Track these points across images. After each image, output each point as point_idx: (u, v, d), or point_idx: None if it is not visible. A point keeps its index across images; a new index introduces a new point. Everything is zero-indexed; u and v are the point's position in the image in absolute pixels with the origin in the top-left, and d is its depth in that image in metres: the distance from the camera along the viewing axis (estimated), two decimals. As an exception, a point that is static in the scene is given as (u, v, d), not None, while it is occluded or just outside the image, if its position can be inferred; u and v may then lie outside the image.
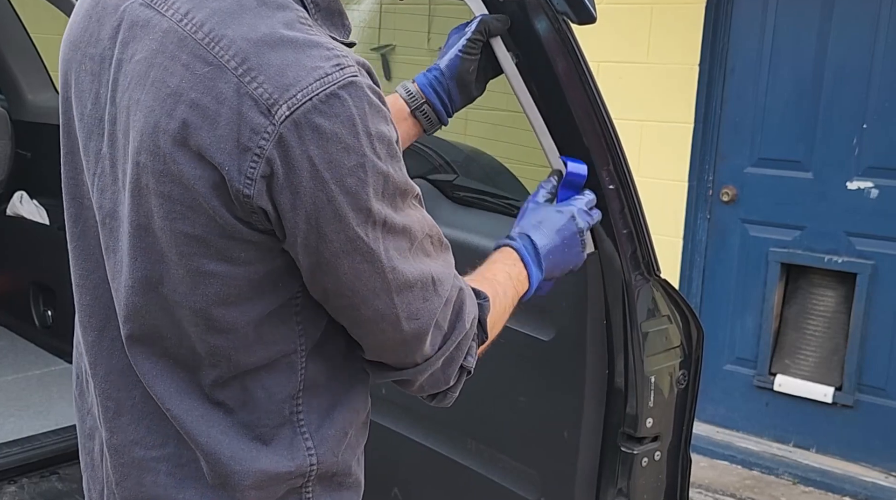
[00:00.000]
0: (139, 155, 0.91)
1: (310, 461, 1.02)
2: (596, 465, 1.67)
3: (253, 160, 0.86)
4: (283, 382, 0.99)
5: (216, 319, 0.95)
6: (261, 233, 0.91)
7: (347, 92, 0.87)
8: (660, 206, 3.93)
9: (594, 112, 1.41)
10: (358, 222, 0.90)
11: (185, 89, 0.88)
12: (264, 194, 0.87)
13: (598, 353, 1.63)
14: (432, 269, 1.00)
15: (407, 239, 0.96)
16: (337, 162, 0.87)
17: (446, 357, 1.05)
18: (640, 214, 1.50)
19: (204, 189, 0.88)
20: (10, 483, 2.34)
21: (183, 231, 0.91)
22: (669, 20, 3.87)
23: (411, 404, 2.04)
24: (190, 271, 0.93)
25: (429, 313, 0.99)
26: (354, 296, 0.94)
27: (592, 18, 1.34)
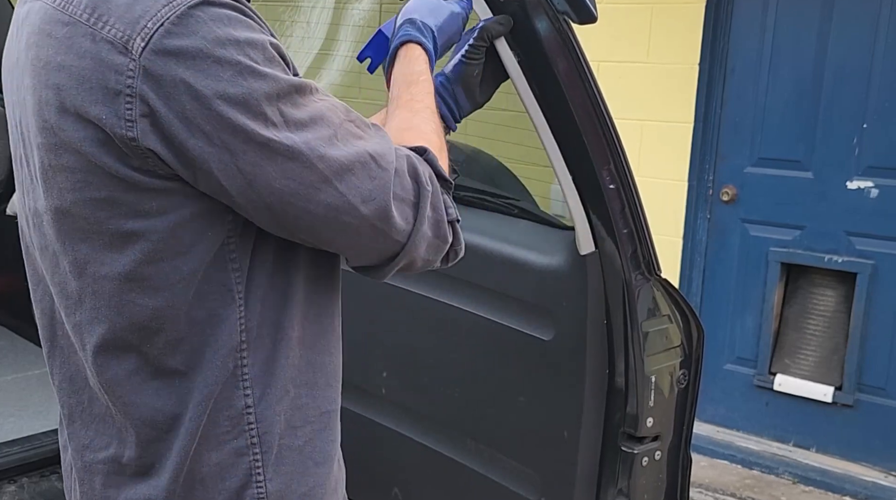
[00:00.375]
0: (37, 138, 0.93)
1: (247, 419, 1.00)
2: (596, 465, 1.67)
3: (127, 102, 0.87)
4: (226, 335, 0.98)
5: (150, 278, 0.94)
6: (164, 180, 0.91)
7: (200, 10, 0.87)
8: (660, 206, 3.93)
9: (595, 112, 1.41)
10: (261, 127, 0.89)
11: (51, 56, 0.90)
12: (150, 134, 0.88)
13: (598, 352, 1.63)
14: (367, 147, 0.98)
15: (325, 127, 0.95)
16: (213, 76, 0.87)
17: (430, 222, 1.03)
18: (641, 214, 1.50)
19: (93, 148, 0.89)
20: (10, 483, 2.34)
21: (91, 198, 0.92)
22: (669, 20, 3.87)
23: (411, 404, 2.04)
24: (112, 236, 0.93)
25: (381, 189, 0.97)
26: (297, 199, 0.93)
27: (593, 18, 1.34)
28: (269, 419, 1.01)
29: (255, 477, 1.01)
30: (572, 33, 1.37)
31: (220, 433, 0.99)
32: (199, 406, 0.98)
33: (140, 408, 0.99)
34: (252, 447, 1.01)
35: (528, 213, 1.87)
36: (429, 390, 1.97)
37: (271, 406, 1.01)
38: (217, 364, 0.98)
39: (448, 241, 1.08)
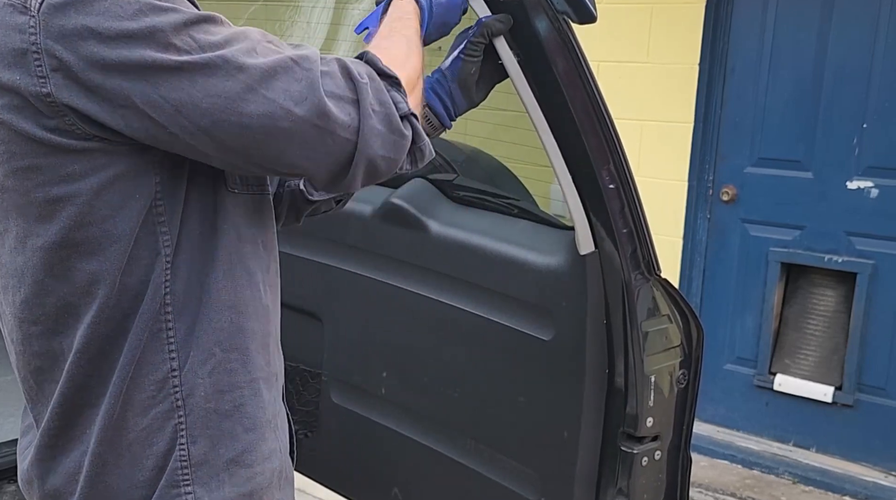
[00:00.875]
0: None
1: (172, 382, 1.01)
2: (596, 464, 1.67)
3: (35, 59, 0.88)
4: (151, 299, 0.99)
5: (82, 242, 0.96)
6: (83, 139, 0.92)
7: None
8: (660, 205, 3.93)
9: (594, 111, 1.41)
10: (175, 54, 0.90)
11: None
12: (65, 88, 0.89)
13: (598, 352, 1.63)
14: (286, 53, 0.99)
15: (242, 42, 0.96)
16: (113, 17, 0.88)
17: (378, 117, 1.02)
18: (641, 214, 1.50)
19: (10, 115, 0.91)
20: (10, 483, 2.34)
21: (16, 168, 0.94)
22: (669, 20, 3.87)
23: (411, 403, 2.04)
24: (40, 204, 0.95)
25: (310, 87, 0.97)
26: (228, 114, 0.93)
27: (593, 18, 1.34)
28: (193, 383, 1.02)
29: (178, 440, 1.02)
30: (572, 33, 1.37)
31: (144, 397, 1.00)
32: (123, 370, 0.99)
33: (75, 376, 1.00)
34: (177, 409, 1.01)
35: (527, 213, 1.87)
36: (428, 390, 1.97)
37: (195, 370, 1.02)
38: (140, 328, 0.99)
39: (405, 135, 1.06)
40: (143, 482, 1.02)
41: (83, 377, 1.00)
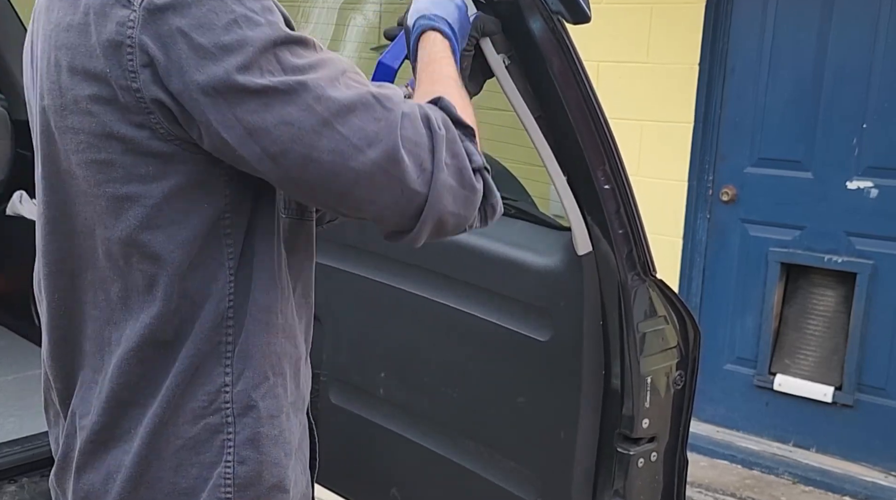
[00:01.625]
0: (43, 100, 0.97)
1: (224, 397, 1.00)
2: (592, 465, 1.67)
3: (128, 53, 0.89)
4: (214, 309, 0.98)
5: (145, 244, 0.95)
6: (163, 141, 0.92)
7: None
8: (660, 206, 3.92)
9: (589, 112, 1.41)
10: (259, 75, 0.88)
11: (60, 18, 0.94)
12: (152, 85, 0.89)
13: (594, 353, 1.63)
14: (371, 90, 0.95)
15: (326, 70, 0.93)
16: (208, 24, 0.87)
17: (451, 170, 0.98)
18: (636, 215, 1.50)
19: (97, 106, 0.91)
20: (10, 483, 2.34)
21: (92, 159, 0.94)
22: (669, 20, 3.87)
23: (409, 404, 2.04)
24: (108, 199, 0.95)
25: (387, 130, 0.93)
26: (298, 145, 0.90)
27: (587, 18, 1.34)
28: (245, 402, 1.01)
29: (225, 457, 1.01)
30: (566, 33, 1.37)
31: (196, 406, 1.00)
32: (178, 376, 0.99)
33: (125, 373, 1.00)
34: (226, 425, 1.00)
35: (525, 213, 1.87)
36: (427, 390, 1.97)
37: (248, 390, 1.01)
38: (202, 337, 0.98)
39: (477, 191, 1.02)
40: (185, 490, 1.00)
41: (135, 376, 1.00)
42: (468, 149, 1.02)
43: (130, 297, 0.99)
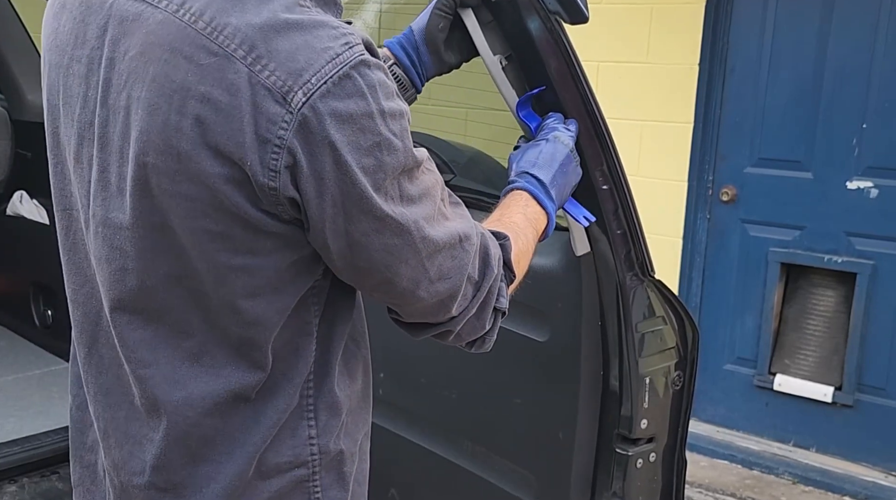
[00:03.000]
0: (145, 156, 0.88)
1: (311, 449, 1.01)
2: (591, 466, 1.67)
3: (274, 152, 0.85)
4: (299, 367, 0.99)
5: (244, 311, 0.94)
6: (285, 224, 0.90)
7: (358, 71, 0.86)
8: (660, 206, 3.92)
9: (587, 112, 1.40)
10: (383, 201, 0.90)
11: (192, 83, 0.85)
12: (289, 185, 0.86)
13: (593, 354, 1.62)
14: (457, 228, 1.00)
15: (429, 205, 0.96)
16: (355, 144, 0.86)
17: (480, 303, 1.06)
18: (634, 215, 1.49)
19: (225, 186, 0.87)
20: (10, 483, 2.34)
21: (205, 228, 0.89)
22: (669, 20, 3.87)
23: (408, 405, 2.04)
24: (215, 266, 0.92)
25: (459, 270, 1.00)
26: (388, 271, 0.95)
27: (584, 18, 1.34)
28: (330, 450, 1.03)
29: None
30: (564, 33, 1.37)
31: (282, 461, 1.00)
32: (264, 433, 0.98)
33: (200, 429, 0.98)
34: (313, 476, 1.02)
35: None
36: (425, 391, 1.97)
37: (331, 438, 1.03)
38: (289, 393, 0.99)
39: (486, 328, 1.10)
40: None
41: (210, 432, 0.98)
42: (501, 290, 1.09)
43: (209, 354, 0.96)
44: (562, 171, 1.32)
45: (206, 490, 0.99)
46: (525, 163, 1.31)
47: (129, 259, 0.95)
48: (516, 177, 1.30)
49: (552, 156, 1.32)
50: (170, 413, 0.98)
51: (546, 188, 1.28)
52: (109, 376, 1.04)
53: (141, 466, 1.01)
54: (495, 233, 1.11)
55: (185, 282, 0.94)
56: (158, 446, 0.99)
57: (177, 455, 0.99)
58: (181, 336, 0.96)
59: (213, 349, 0.96)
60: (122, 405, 1.02)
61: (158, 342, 0.97)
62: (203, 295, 0.94)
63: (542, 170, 1.30)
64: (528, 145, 1.35)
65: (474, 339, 1.11)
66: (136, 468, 1.01)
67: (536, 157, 1.31)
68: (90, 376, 1.06)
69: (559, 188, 1.31)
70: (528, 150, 1.33)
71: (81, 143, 0.98)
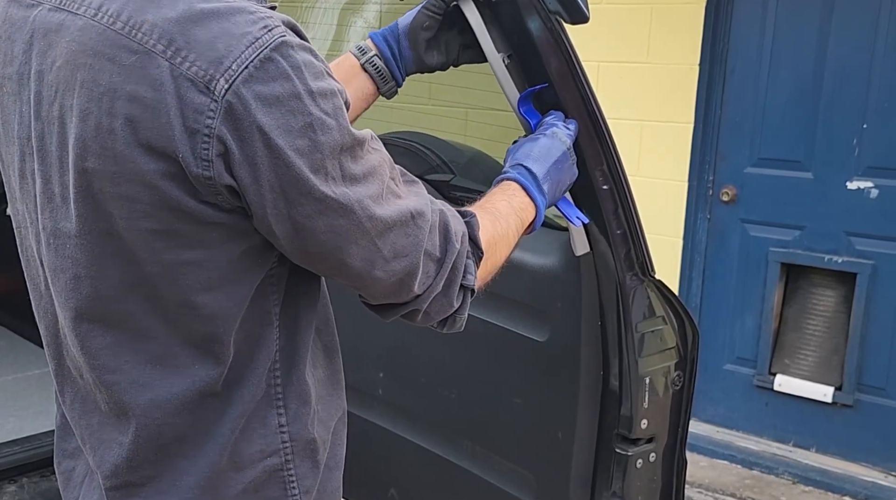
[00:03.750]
0: (84, 162, 0.89)
1: (281, 437, 1.01)
2: (591, 466, 1.67)
3: (204, 142, 0.85)
4: (261, 358, 0.99)
5: (201, 306, 0.93)
6: (228, 213, 0.90)
7: (280, 53, 0.86)
8: (660, 206, 3.92)
9: (587, 112, 1.40)
10: (321, 182, 0.89)
11: (118, 84, 0.86)
12: (224, 173, 0.87)
13: (592, 354, 1.63)
14: (408, 205, 0.99)
15: (376, 183, 0.96)
16: (285, 126, 0.86)
17: (445, 280, 1.05)
18: (634, 215, 1.49)
19: (162, 182, 0.87)
20: (10, 483, 2.35)
21: (150, 228, 0.90)
22: (669, 20, 3.87)
23: (407, 405, 2.04)
24: (166, 265, 0.91)
25: (415, 246, 1.00)
26: (339, 252, 0.94)
27: (585, 18, 1.34)
28: (302, 437, 1.03)
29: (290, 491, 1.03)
30: (564, 33, 1.37)
31: (254, 451, 1.00)
32: (232, 423, 0.98)
33: (170, 427, 0.98)
34: (286, 464, 1.02)
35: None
36: (425, 391, 1.97)
37: (303, 425, 1.03)
38: (254, 384, 0.99)
39: (454, 306, 1.09)
40: None
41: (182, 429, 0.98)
42: (468, 266, 1.08)
43: (171, 355, 0.96)
44: (556, 167, 1.32)
45: (180, 483, 0.99)
46: (520, 155, 1.31)
47: (80, 267, 0.95)
48: (509, 168, 1.29)
49: (548, 150, 1.31)
50: (138, 416, 0.98)
51: (537, 181, 1.28)
52: (79, 385, 1.05)
53: (112, 469, 1.02)
54: (461, 212, 1.10)
55: (139, 287, 0.94)
56: (129, 448, 1.00)
57: (149, 454, 1.00)
58: (142, 340, 0.96)
59: (175, 350, 0.96)
60: (94, 412, 1.03)
61: (120, 348, 0.97)
62: (159, 298, 0.94)
63: (536, 163, 1.29)
64: (525, 139, 1.35)
65: (444, 318, 1.10)
66: (108, 471, 1.02)
67: (531, 150, 1.31)
68: (65, 387, 1.07)
69: (552, 183, 1.31)
70: (525, 143, 1.33)
71: (23, 159, 0.99)
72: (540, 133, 1.35)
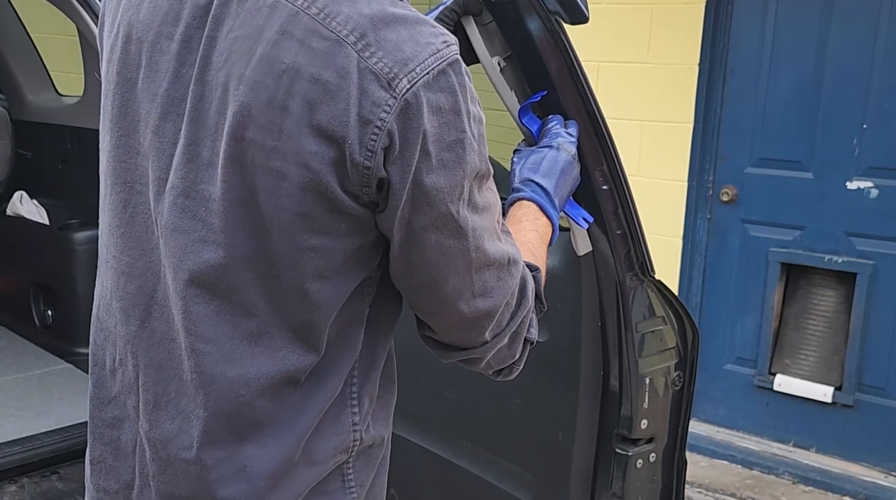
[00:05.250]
0: (244, 130, 0.91)
1: (353, 436, 1.03)
2: (591, 467, 1.67)
3: (374, 133, 0.88)
4: (347, 355, 1.01)
5: (311, 294, 0.95)
6: (363, 206, 0.93)
7: (453, 69, 0.91)
8: (660, 206, 3.93)
9: (587, 112, 1.41)
10: (450, 198, 0.92)
11: (303, 65, 0.89)
12: (382, 166, 0.90)
13: (592, 354, 1.63)
14: (508, 250, 1.02)
15: (490, 218, 0.99)
16: (441, 136, 0.90)
17: (513, 333, 1.07)
18: (634, 215, 1.49)
19: (321, 165, 0.90)
20: (10, 483, 2.34)
21: (289, 208, 0.92)
22: (669, 20, 3.87)
23: (407, 405, 2.04)
24: (292, 246, 0.94)
25: (502, 292, 1.02)
26: (436, 272, 0.97)
27: (585, 18, 1.34)
28: (370, 436, 1.06)
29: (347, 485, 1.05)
30: (564, 33, 1.37)
31: (328, 448, 1.01)
32: (310, 419, 1.00)
33: (252, 410, 0.98)
34: (348, 460, 1.04)
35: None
36: (424, 391, 1.97)
37: (370, 423, 1.05)
38: (336, 381, 1.00)
39: (515, 357, 1.11)
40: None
41: (262, 414, 0.99)
42: (532, 321, 1.11)
43: (268, 335, 0.97)
44: (564, 178, 1.34)
45: (250, 471, 0.99)
46: (529, 170, 1.33)
47: (211, 231, 0.96)
48: (522, 185, 1.31)
49: (556, 163, 1.34)
50: (223, 391, 0.99)
51: (551, 197, 1.31)
52: (161, 351, 1.04)
53: (189, 440, 1.02)
54: (529, 264, 1.13)
55: (259, 262, 0.95)
56: (206, 422, 1.00)
57: (224, 433, 1.00)
58: (244, 315, 0.97)
59: (272, 331, 0.97)
60: (174, 380, 1.03)
61: (221, 319, 0.98)
62: (273, 277, 0.95)
63: (547, 178, 1.32)
64: (531, 151, 1.37)
65: (502, 367, 1.13)
66: (185, 442, 1.02)
67: (540, 164, 1.33)
68: (140, 350, 1.06)
69: (561, 196, 1.34)
70: (532, 155, 1.35)
71: (165, 117, 0.99)
72: (546, 145, 1.37)
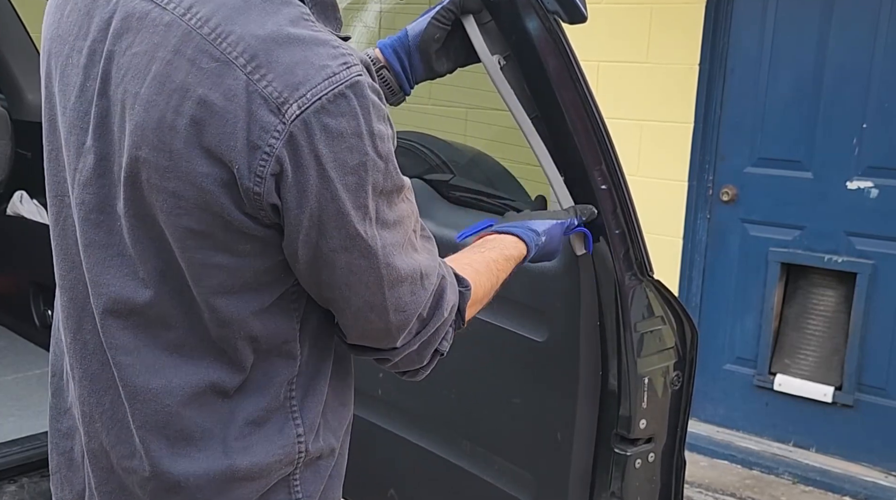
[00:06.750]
0: (138, 149, 0.91)
1: (298, 447, 1.03)
2: (589, 466, 1.67)
3: (262, 159, 0.87)
4: (282, 368, 1.01)
5: (219, 309, 0.95)
6: (265, 228, 0.92)
7: (353, 91, 0.88)
8: (660, 206, 3.92)
9: (586, 112, 1.41)
10: (357, 219, 0.91)
11: (191, 84, 0.87)
12: (273, 192, 0.88)
13: (591, 354, 1.62)
14: (421, 263, 1.02)
15: (401, 233, 0.98)
16: (342, 161, 0.88)
17: (423, 342, 1.07)
18: (633, 215, 1.49)
19: (213, 186, 0.89)
20: (10, 483, 2.34)
21: (186, 226, 0.91)
22: (669, 20, 3.87)
23: (407, 405, 2.04)
24: (192, 263, 0.93)
25: (415, 305, 1.02)
26: (348, 289, 0.96)
27: (583, 18, 1.34)
28: (317, 447, 1.05)
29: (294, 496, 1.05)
30: (563, 33, 1.37)
31: (272, 461, 1.01)
32: (238, 429, 1.00)
33: (181, 419, 0.99)
34: (295, 472, 1.04)
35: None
36: (424, 391, 1.96)
37: (317, 435, 1.05)
38: (270, 394, 1.01)
39: (423, 364, 1.12)
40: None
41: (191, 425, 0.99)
42: (447, 334, 1.11)
43: (188, 346, 0.98)
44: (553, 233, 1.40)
45: (185, 484, 1.00)
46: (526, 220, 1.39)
47: (125, 246, 0.97)
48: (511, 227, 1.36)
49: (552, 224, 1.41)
50: (149, 401, 0.99)
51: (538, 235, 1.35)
52: (94, 362, 1.04)
53: (130, 449, 1.02)
54: (459, 278, 1.13)
55: (169, 276, 0.96)
56: (139, 432, 1.01)
57: (157, 445, 1.00)
58: (163, 327, 0.98)
59: (192, 342, 0.98)
60: (108, 390, 1.03)
61: (140, 331, 0.99)
62: (184, 291, 0.96)
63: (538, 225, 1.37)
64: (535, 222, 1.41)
65: (408, 370, 1.13)
66: (126, 451, 1.03)
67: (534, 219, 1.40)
68: (75, 361, 1.07)
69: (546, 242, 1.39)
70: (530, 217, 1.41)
71: (71, 131, 1.00)
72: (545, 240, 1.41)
